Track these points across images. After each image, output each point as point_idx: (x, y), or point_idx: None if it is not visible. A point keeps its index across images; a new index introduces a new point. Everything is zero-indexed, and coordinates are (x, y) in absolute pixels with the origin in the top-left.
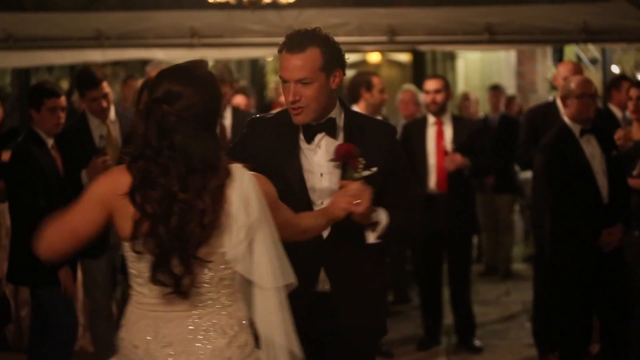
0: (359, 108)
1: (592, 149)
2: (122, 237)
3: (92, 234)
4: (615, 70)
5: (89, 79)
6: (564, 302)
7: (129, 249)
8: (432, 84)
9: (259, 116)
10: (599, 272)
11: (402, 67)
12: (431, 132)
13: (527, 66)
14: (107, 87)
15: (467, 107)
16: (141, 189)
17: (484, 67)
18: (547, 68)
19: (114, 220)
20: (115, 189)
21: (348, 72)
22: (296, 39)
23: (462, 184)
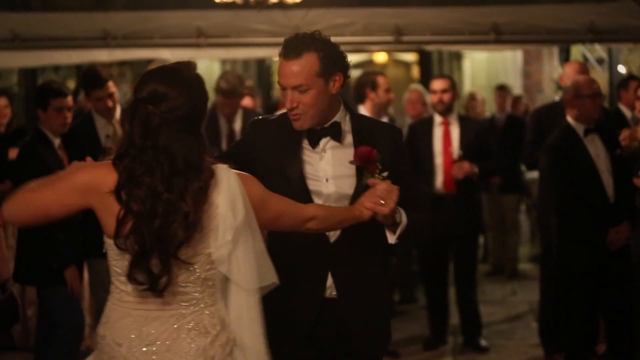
0: (365, 108)
1: (596, 149)
2: (107, 234)
3: (62, 216)
4: (621, 70)
5: (95, 78)
6: (570, 302)
7: (112, 246)
8: (439, 83)
9: (262, 117)
10: (605, 271)
11: (408, 67)
12: (438, 132)
13: (533, 66)
14: (113, 86)
15: (474, 107)
16: (127, 186)
17: (491, 67)
18: (553, 68)
19: (98, 217)
20: (100, 185)
21: (354, 72)
22: (292, 45)
23: (469, 184)
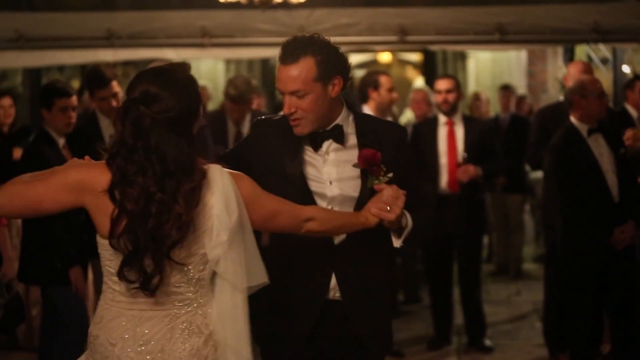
0: (369, 108)
1: (600, 149)
2: (100, 234)
3: (53, 212)
4: (626, 70)
5: (99, 78)
6: (575, 302)
7: (105, 246)
8: (444, 83)
9: (265, 117)
10: (610, 271)
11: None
12: (442, 132)
13: (538, 66)
14: (117, 86)
15: (478, 107)
16: (120, 186)
17: (495, 67)
18: (558, 68)
19: (91, 217)
20: (94, 184)
21: (358, 72)
22: (289, 49)
23: (473, 185)
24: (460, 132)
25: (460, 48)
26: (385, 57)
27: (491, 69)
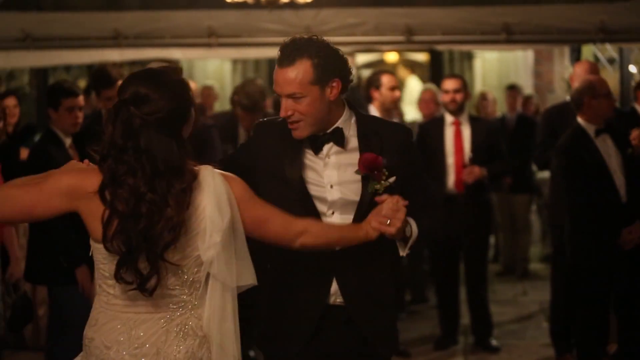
0: (374, 108)
1: (607, 149)
2: (94, 238)
3: (46, 217)
4: (632, 70)
5: (105, 78)
6: (583, 302)
7: (99, 249)
8: (451, 83)
9: (267, 120)
10: (618, 271)
11: (419, 66)
12: (449, 132)
13: (544, 66)
14: None
15: (485, 107)
16: (110, 187)
17: (502, 66)
18: (564, 68)
19: (84, 222)
20: (86, 187)
21: (365, 72)
22: (287, 51)
23: (479, 185)
24: (466, 132)
25: (466, 48)
26: (391, 57)
27: (498, 69)
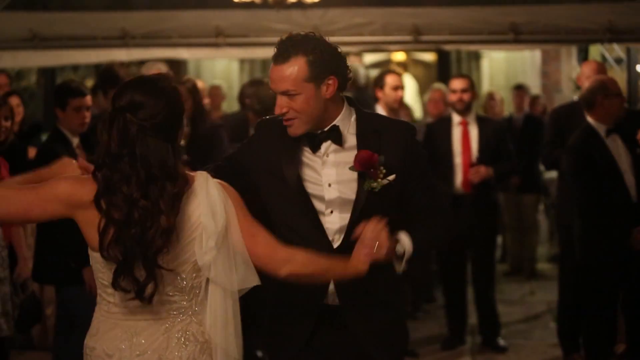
0: (380, 107)
1: (618, 149)
2: (91, 247)
3: (42, 220)
4: None
5: (112, 77)
6: (591, 302)
7: (97, 258)
8: (459, 83)
9: (269, 118)
10: (627, 271)
11: (427, 66)
12: (457, 132)
13: (552, 66)
14: None
15: (492, 107)
16: (105, 195)
17: (509, 66)
18: (572, 68)
19: (81, 230)
20: (81, 195)
21: (372, 72)
22: (282, 48)
23: (486, 184)
24: (474, 132)
25: (474, 48)
26: (399, 56)
27: (505, 68)
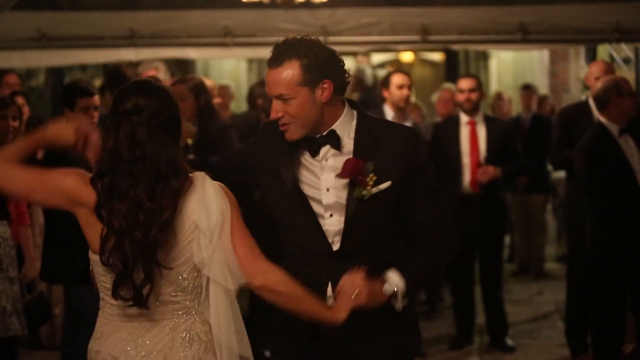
0: (387, 107)
1: (630, 149)
2: (92, 249)
3: (43, 206)
4: None
5: (120, 77)
6: (600, 301)
7: (98, 262)
8: (467, 82)
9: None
10: (637, 270)
11: (435, 66)
12: (465, 131)
13: (560, 66)
14: None
15: (500, 107)
16: (107, 204)
17: (517, 66)
18: (580, 68)
19: (83, 230)
20: (86, 195)
21: (380, 72)
22: (276, 52)
23: (494, 184)
24: (482, 131)
25: (482, 48)
26: (407, 56)
27: (513, 68)
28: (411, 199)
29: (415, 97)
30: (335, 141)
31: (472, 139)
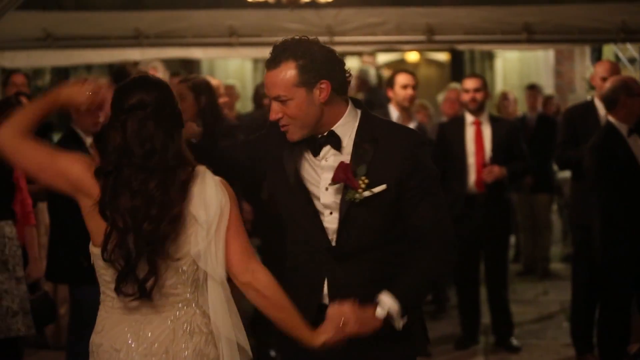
0: (392, 106)
1: (639, 148)
2: (93, 242)
3: (48, 186)
4: None
5: (125, 77)
6: (606, 301)
7: (99, 256)
8: (472, 82)
9: None
10: None
11: (440, 66)
12: (470, 131)
13: (565, 66)
14: None
15: (506, 107)
16: (112, 203)
17: (523, 66)
18: (585, 67)
19: (85, 220)
20: (92, 186)
21: (386, 72)
22: (274, 53)
23: (500, 184)
24: (487, 131)
25: (487, 47)
26: (412, 56)
27: (519, 68)
28: (408, 202)
29: (421, 97)
30: (335, 142)
31: (478, 138)
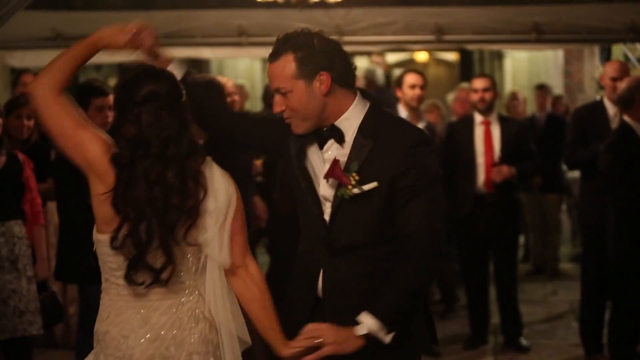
0: (401, 106)
1: None
2: (98, 229)
3: (61, 151)
4: None
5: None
6: (622, 301)
7: (105, 243)
8: (481, 82)
9: None
10: None
11: (449, 66)
12: (479, 131)
13: (574, 65)
14: None
15: (515, 107)
16: (126, 195)
17: (532, 66)
18: (594, 67)
19: (92, 202)
20: (107, 170)
21: (395, 71)
22: (275, 46)
23: (509, 184)
24: (496, 131)
25: (496, 47)
26: (421, 56)
27: (528, 68)
28: (398, 202)
29: (429, 97)
30: (338, 135)
31: (487, 138)
